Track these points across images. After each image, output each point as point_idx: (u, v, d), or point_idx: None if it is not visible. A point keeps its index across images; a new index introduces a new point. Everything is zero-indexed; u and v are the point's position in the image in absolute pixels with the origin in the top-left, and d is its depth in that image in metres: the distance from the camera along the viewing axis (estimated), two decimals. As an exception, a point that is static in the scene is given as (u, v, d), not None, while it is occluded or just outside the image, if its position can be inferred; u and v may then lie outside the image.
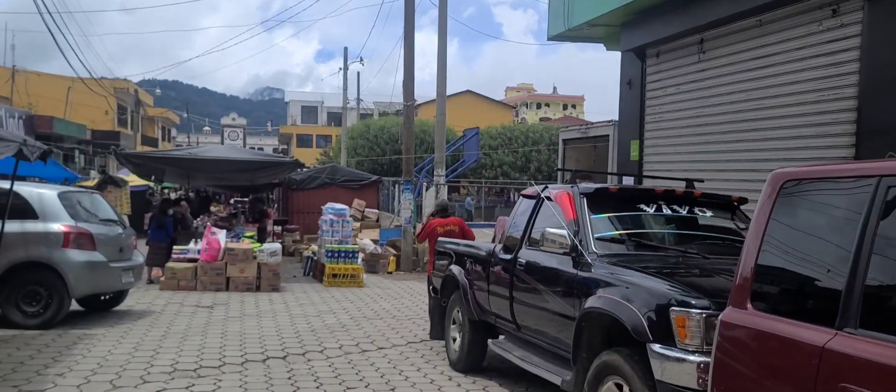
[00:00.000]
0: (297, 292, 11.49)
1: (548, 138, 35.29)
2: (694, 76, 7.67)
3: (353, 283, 12.51)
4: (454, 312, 6.70)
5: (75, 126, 24.47)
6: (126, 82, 35.75)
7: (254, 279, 11.33)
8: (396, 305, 10.52)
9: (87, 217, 8.07)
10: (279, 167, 13.86)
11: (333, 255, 12.67)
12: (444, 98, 15.41)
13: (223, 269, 11.21)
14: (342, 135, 33.71)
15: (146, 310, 9.25)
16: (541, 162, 34.61)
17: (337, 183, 20.78)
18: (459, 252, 6.66)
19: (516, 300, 5.22)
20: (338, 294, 11.46)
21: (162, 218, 12.36)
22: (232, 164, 13.03)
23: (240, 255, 11.30)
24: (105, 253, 7.92)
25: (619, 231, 4.73)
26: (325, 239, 13.14)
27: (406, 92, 15.07)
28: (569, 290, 4.43)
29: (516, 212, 5.78)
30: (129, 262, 8.52)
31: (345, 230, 13.29)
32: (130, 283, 8.49)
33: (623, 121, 9.39)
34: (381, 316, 9.54)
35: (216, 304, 9.90)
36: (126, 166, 12.71)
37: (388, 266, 14.88)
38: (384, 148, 35.70)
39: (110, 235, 8.22)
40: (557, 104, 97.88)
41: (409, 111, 15.00)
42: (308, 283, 12.76)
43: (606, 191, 5.09)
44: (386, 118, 41.49)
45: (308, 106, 77.60)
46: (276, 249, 11.75)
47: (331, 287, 12.23)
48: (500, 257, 5.59)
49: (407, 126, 15.13)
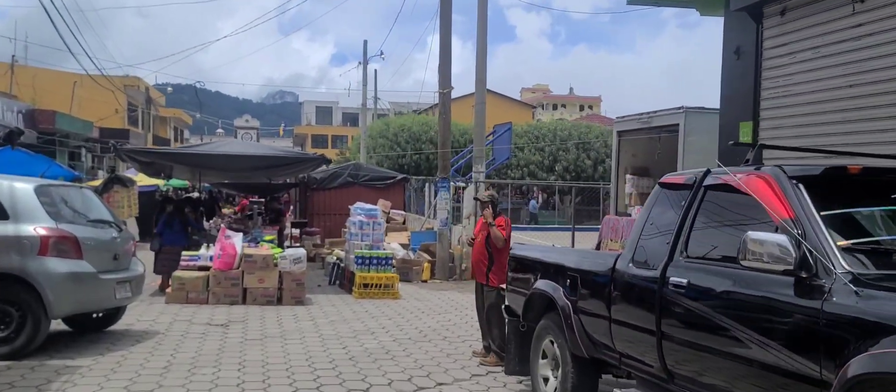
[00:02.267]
0: (324, 306, 9.88)
1: (576, 136, 33.55)
2: (844, 34, 5.98)
3: (388, 294, 10.90)
4: (544, 342, 5.05)
5: (81, 122, 23.09)
6: (136, 79, 34.50)
7: (275, 290, 9.75)
8: (443, 322, 8.89)
9: (73, 217, 6.51)
10: (302, 163, 12.25)
11: (364, 261, 11.07)
12: (483, 84, 13.78)
13: (239, 279, 9.63)
14: (361, 132, 32.15)
15: (147, 330, 7.67)
16: (569, 162, 32.83)
17: (360, 182, 19.22)
18: (554, 264, 5.00)
19: (669, 338, 3.56)
20: (371, 308, 9.85)
21: (173, 217, 10.82)
22: (250, 161, 11.49)
23: (259, 263, 9.73)
24: (94, 262, 6.35)
25: (872, 236, 3.03)
26: (354, 243, 11.54)
27: (442, 78, 13.46)
28: (801, 335, 2.76)
29: (650, 210, 4.11)
30: (127, 272, 6.94)
31: (376, 233, 11.68)
32: (127, 298, 6.92)
33: (727, 99, 7.68)
34: (429, 337, 7.91)
35: (231, 322, 8.32)
36: (128, 164, 11.20)
37: (422, 274, 13.26)
38: (404, 147, 34.11)
39: (102, 240, 6.65)
40: (574, 105, 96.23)
41: (445, 99, 13.39)
42: (335, 294, 11.16)
43: (841, 173, 3.38)
44: (406, 116, 39.88)
45: (323, 107, 76.52)
46: (300, 256, 10.16)
47: (362, 299, 10.63)
48: (632, 275, 3.93)
49: (443, 116, 13.53)
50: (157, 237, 10.89)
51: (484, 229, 6.73)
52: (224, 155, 11.27)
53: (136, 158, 10.88)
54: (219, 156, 11.22)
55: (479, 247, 6.74)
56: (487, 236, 6.65)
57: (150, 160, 11.13)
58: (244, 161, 11.57)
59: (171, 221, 10.68)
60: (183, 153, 11.83)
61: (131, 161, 10.92)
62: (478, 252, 6.77)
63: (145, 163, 11.53)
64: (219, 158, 11.35)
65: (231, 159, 11.44)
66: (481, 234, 6.74)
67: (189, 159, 11.42)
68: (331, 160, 12.02)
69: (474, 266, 6.75)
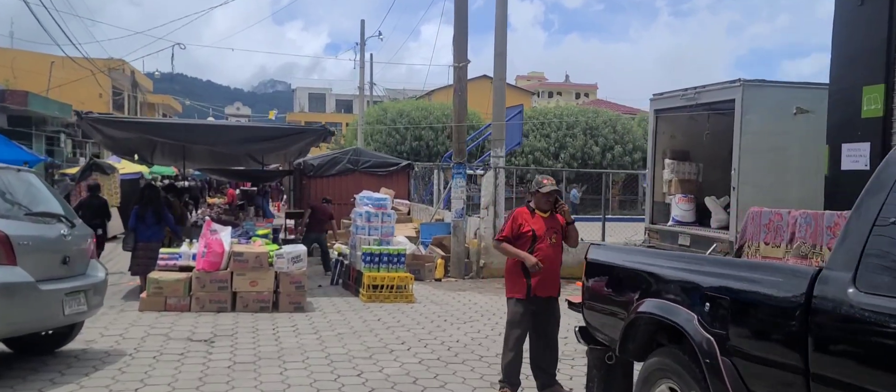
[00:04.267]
0: (328, 313, 8.38)
1: (583, 122, 32.02)
2: None
3: (401, 297, 9.40)
4: (657, 389, 3.56)
5: (57, 104, 21.34)
6: (121, 62, 32.62)
7: (270, 295, 8.24)
8: (471, 334, 7.41)
9: (6, 209, 4.96)
10: (301, 137, 10.56)
11: (373, 259, 9.57)
12: (503, 58, 12.25)
13: (228, 282, 8.11)
14: (359, 117, 30.50)
15: (112, 349, 6.15)
16: (576, 148, 31.32)
17: (361, 169, 17.73)
18: (677, 278, 3.49)
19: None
20: (383, 314, 8.37)
21: (146, 207, 9.23)
22: (239, 134, 9.88)
23: (251, 262, 8.20)
24: (33, 268, 4.82)
25: None
26: (361, 237, 10.02)
27: (457, 50, 11.91)
28: None
29: (887, 195, 2.54)
30: (81, 279, 5.40)
31: (385, 226, 10.16)
32: (81, 313, 5.37)
33: (845, 59, 6.16)
34: (461, 356, 6.43)
35: (217, 336, 6.81)
36: (95, 137, 9.48)
37: (435, 271, 11.76)
38: (404, 134, 32.53)
39: (45, 238, 5.11)
40: (570, 92, 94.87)
41: (461, 74, 11.85)
42: (339, 297, 9.65)
43: None
44: (405, 101, 38.23)
45: (316, 93, 74.82)
46: (300, 253, 8.64)
47: (371, 302, 9.14)
48: (861, 306, 2.41)
49: (458, 94, 12.00)
50: (130, 232, 9.33)
51: (556, 228, 5.22)
52: (208, 126, 9.65)
53: (102, 130, 9.12)
54: (202, 127, 9.59)
55: (553, 252, 5.25)
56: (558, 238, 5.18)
57: (121, 133, 9.38)
58: (232, 134, 9.97)
59: (143, 213, 9.10)
60: (160, 124, 10.12)
61: (97, 133, 9.19)
62: (553, 258, 5.28)
63: (116, 139, 9.77)
64: (202, 131, 9.74)
65: (217, 133, 9.84)
66: (553, 234, 5.23)
67: (168, 132, 9.75)
68: (333, 132, 10.39)
69: (548, 277, 5.22)
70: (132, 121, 10.09)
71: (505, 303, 5.52)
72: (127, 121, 9.61)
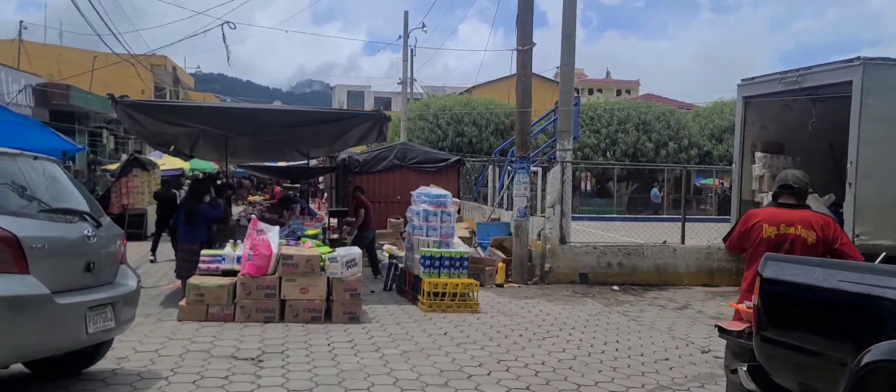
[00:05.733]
0: (386, 324, 7.40)
1: (635, 117, 30.50)
2: None
3: (465, 305, 8.38)
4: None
5: (99, 99, 20.89)
6: (163, 58, 32.45)
7: (322, 303, 7.29)
8: (556, 354, 6.33)
9: (19, 205, 4.09)
10: (354, 122, 9.44)
11: (433, 263, 8.57)
12: (572, 39, 11.10)
13: (276, 288, 7.19)
14: (402, 112, 29.56)
15: (145, 370, 5.26)
16: (628, 144, 29.83)
17: (408, 164, 16.78)
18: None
19: None
20: (449, 327, 7.35)
21: (194, 206, 8.41)
22: (290, 117, 8.89)
23: (301, 266, 7.27)
24: (50, 276, 3.93)
25: None
26: (418, 238, 9.03)
27: (521, 32, 10.81)
28: None
29: None
30: (108, 290, 4.50)
31: (445, 226, 9.13)
32: (108, 330, 4.46)
33: None
34: (554, 384, 5.36)
35: (266, 354, 5.88)
36: (130, 126, 8.61)
37: (495, 275, 10.70)
38: (446, 130, 31.52)
39: (64, 240, 4.22)
40: (610, 89, 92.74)
41: (525, 59, 10.74)
42: (395, 305, 8.67)
43: None
44: (448, 96, 37.20)
45: (354, 91, 74.50)
46: (355, 257, 7.67)
47: (432, 312, 8.14)
48: None
49: (521, 81, 10.88)
50: (172, 231, 8.52)
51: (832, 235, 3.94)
52: (251, 110, 8.73)
53: (137, 117, 8.26)
54: (244, 111, 8.67)
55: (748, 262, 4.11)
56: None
57: (157, 121, 8.51)
58: (278, 118, 9.01)
59: (182, 210, 8.26)
60: (199, 107, 9.22)
61: (132, 121, 8.34)
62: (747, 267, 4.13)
63: (152, 127, 8.89)
64: (245, 116, 8.81)
65: (260, 117, 8.89)
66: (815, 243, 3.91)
67: (208, 118, 8.83)
68: (390, 117, 9.34)
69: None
70: (169, 105, 9.28)
71: (579, 313, 4.41)
72: (163, 105, 8.80)
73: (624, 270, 10.96)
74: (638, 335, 7.36)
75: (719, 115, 31.93)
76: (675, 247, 11.18)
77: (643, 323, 8.06)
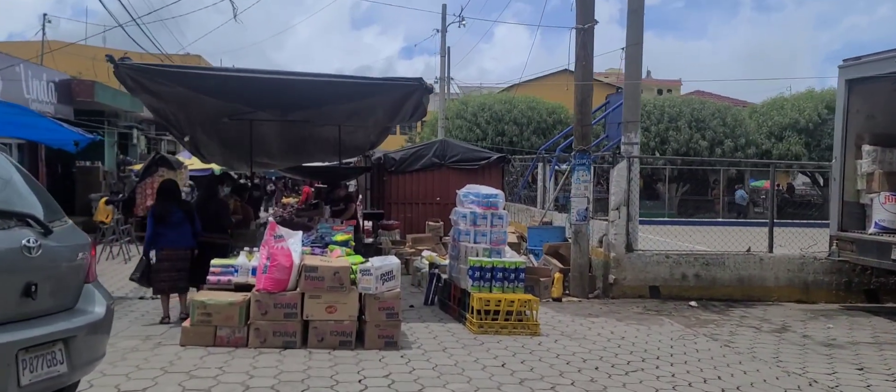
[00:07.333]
0: (430, 351, 6.09)
1: (688, 114, 28.61)
2: None
3: (522, 326, 7.02)
4: None
5: (125, 97, 20.13)
6: (197, 57, 31.84)
7: (352, 325, 6.03)
8: (652, 398, 4.93)
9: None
10: (394, 91, 7.93)
11: (483, 274, 7.24)
12: (639, 15, 9.65)
13: (297, 307, 5.95)
14: (440, 109, 28.30)
15: (124, 418, 4.06)
16: (680, 143, 27.98)
17: (448, 163, 15.45)
18: None
19: None
20: (506, 355, 6.01)
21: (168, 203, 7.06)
22: (321, 89, 7.46)
23: (327, 280, 6.01)
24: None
25: None
26: (465, 245, 7.70)
27: (581, 9, 9.40)
28: None
29: None
30: (56, 323, 3.29)
31: (496, 231, 7.78)
32: (56, 377, 3.24)
33: None
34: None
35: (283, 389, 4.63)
36: (129, 87, 7.22)
37: (551, 288, 9.31)
38: (485, 128, 30.17)
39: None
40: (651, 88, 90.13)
41: (585, 38, 9.34)
42: (438, 324, 7.36)
43: None
44: (487, 95, 35.82)
45: (390, 92, 73.56)
46: (393, 268, 6.38)
47: (482, 334, 6.81)
48: None
49: (581, 63, 9.48)
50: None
51: None
52: (275, 79, 7.37)
53: (142, 81, 6.92)
54: (267, 81, 7.29)
55: None
56: None
57: (162, 88, 7.19)
58: (307, 90, 7.65)
59: (165, 211, 6.92)
60: (214, 75, 7.75)
61: (137, 86, 7.03)
62: None
63: (161, 99, 7.62)
64: (268, 86, 7.42)
65: (286, 89, 7.54)
66: None
67: (227, 87, 7.44)
68: (433, 88, 7.92)
69: None
70: (179, 70, 7.93)
71: (658, 337, 3.08)
72: (172, 70, 7.43)
73: (701, 283, 9.45)
74: (741, 368, 5.92)
75: (779, 112, 29.80)
76: (762, 256, 9.60)
77: (740, 350, 6.59)
